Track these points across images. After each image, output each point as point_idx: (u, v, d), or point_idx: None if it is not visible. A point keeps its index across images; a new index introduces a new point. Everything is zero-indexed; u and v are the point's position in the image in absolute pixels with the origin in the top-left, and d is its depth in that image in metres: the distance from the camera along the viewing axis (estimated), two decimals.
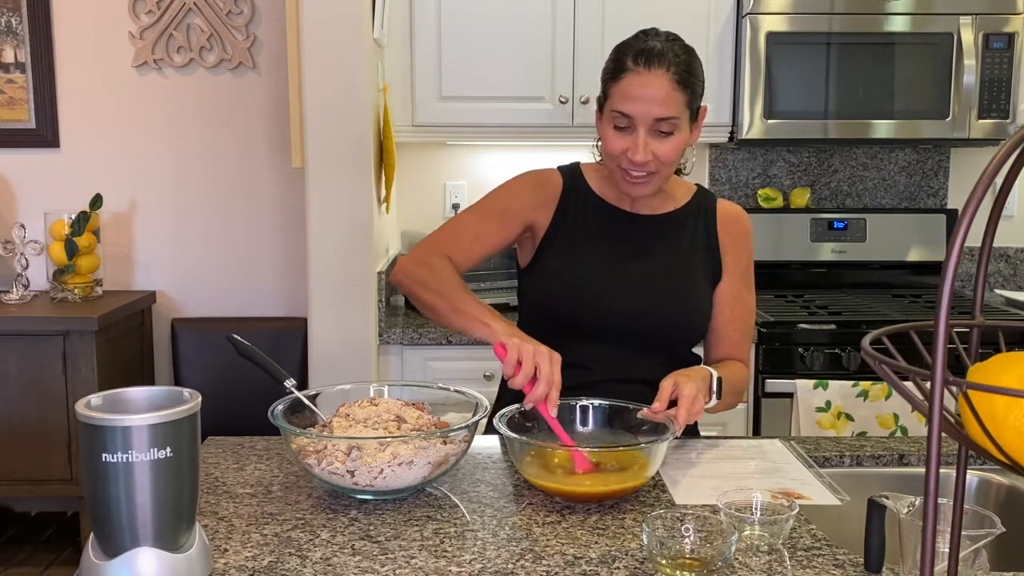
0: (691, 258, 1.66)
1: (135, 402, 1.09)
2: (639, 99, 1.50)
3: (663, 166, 1.55)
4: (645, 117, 1.51)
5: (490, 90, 2.84)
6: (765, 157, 3.25)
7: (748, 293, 1.71)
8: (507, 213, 1.66)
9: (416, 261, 1.62)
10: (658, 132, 1.52)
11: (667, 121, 1.51)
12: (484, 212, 1.68)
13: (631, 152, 1.52)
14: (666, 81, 1.50)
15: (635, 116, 1.51)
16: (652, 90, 1.50)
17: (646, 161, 1.52)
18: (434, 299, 1.55)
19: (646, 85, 1.50)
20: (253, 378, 1.53)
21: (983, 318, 0.75)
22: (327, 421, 1.40)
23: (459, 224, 1.69)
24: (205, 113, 3.18)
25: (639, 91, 1.50)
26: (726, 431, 2.59)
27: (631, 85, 1.51)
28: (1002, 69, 2.80)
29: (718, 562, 1.08)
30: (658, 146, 1.52)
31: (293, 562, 1.13)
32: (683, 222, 1.68)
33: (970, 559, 1.01)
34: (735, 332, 1.70)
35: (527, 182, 1.70)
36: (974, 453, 0.70)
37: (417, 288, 1.59)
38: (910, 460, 1.56)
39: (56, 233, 3.02)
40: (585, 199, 1.68)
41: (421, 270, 1.59)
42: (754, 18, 2.78)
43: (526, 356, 1.36)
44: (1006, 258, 3.31)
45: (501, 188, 1.71)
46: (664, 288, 1.63)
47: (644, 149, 1.52)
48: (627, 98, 1.51)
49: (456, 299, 1.52)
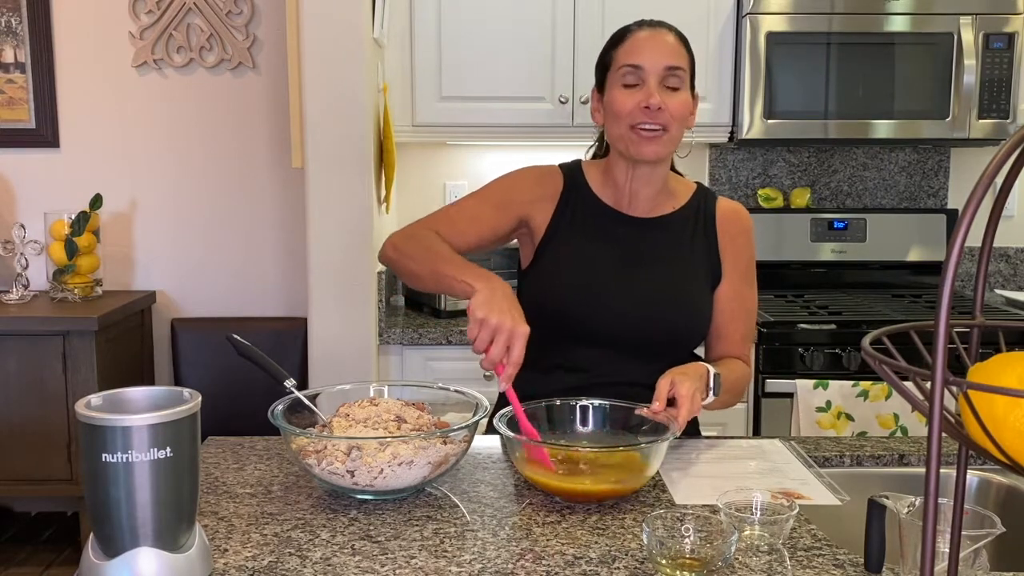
0: (690, 259, 1.66)
1: (135, 402, 1.09)
2: (649, 49, 1.55)
3: (673, 122, 1.56)
4: (656, 66, 1.54)
5: (490, 90, 2.84)
6: (765, 157, 3.25)
7: (749, 291, 1.71)
8: (506, 203, 1.66)
9: (403, 236, 1.61)
10: (667, 87, 1.55)
11: (676, 72, 1.55)
12: (483, 197, 1.68)
13: (644, 100, 1.53)
14: (672, 36, 1.58)
15: (646, 66, 1.54)
16: (661, 42, 1.56)
17: (660, 108, 1.53)
18: (416, 265, 1.55)
19: (655, 37, 1.57)
20: (253, 378, 1.53)
21: (983, 318, 0.75)
22: (327, 421, 1.40)
23: (455, 207, 1.69)
24: (205, 113, 3.18)
25: (649, 43, 1.56)
26: (726, 431, 2.59)
27: (640, 39, 1.57)
28: (1002, 69, 2.80)
29: (718, 562, 1.08)
30: (668, 99, 1.55)
31: (293, 562, 1.13)
32: (682, 223, 1.67)
33: (970, 559, 1.01)
34: (736, 331, 1.69)
35: (529, 175, 1.70)
36: (974, 453, 0.70)
37: (402, 260, 1.58)
38: (910, 460, 1.56)
39: (56, 233, 3.02)
40: (584, 199, 1.67)
41: (407, 243, 1.59)
42: (754, 18, 2.78)
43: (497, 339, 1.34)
44: (1006, 258, 3.31)
45: (503, 177, 1.71)
46: (662, 291, 1.62)
47: (657, 96, 1.53)
48: (637, 51, 1.56)
49: (437, 262, 1.50)
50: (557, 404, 1.47)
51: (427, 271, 1.52)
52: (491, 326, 1.34)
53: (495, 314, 1.34)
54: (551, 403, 1.47)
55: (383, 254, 1.63)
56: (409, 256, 1.57)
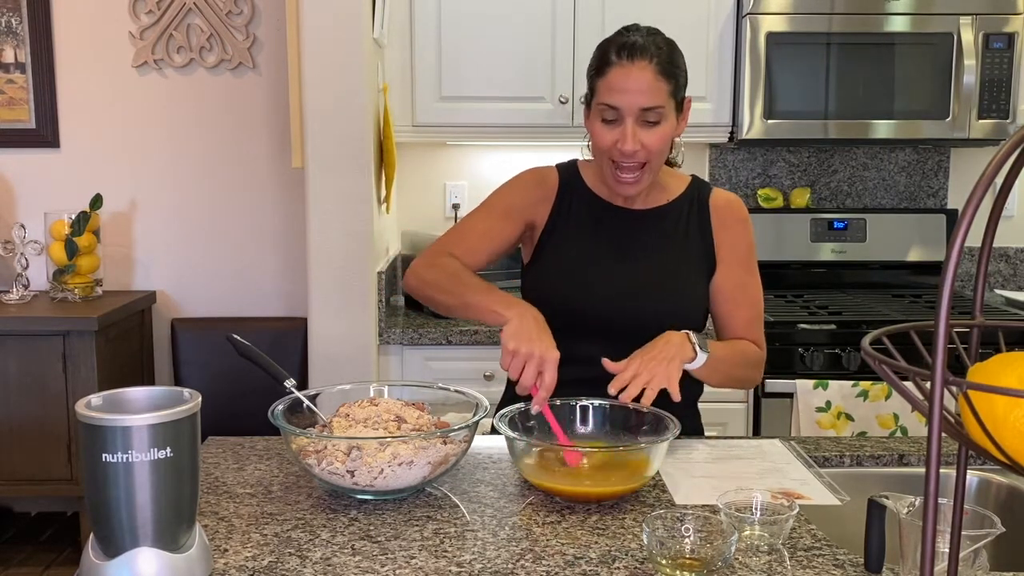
0: (685, 249, 1.69)
1: (135, 402, 1.09)
2: (624, 90, 1.55)
3: (652, 155, 1.58)
4: (631, 107, 1.55)
5: (490, 90, 2.84)
6: (765, 157, 3.25)
7: (752, 279, 1.72)
8: (511, 210, 1.71)
9: (425, 264, 1.66)
10: (645, 122, 1.56)
11: (653, 111, 1.55)
12: (489, 211, 1.73)
13: (620, 143, 1.56)
14: (649, 72, 1.55)
15: (621, 107, 1.55)
16: (636, 81, 1.54)
17: (635, 150, 1.56)
18: (445, 297, 1.60)
19: (630, 77, 1.55)
20: (253, 378, 1.53)
21: (983, 318, 0.75)
22: (327, 421, 1.40)
23: (465, 225, 1.74)
24: (205, 113, 3.18)
25: (624, 83, 1.55)
26: (726, 431, 2.59)
27: (616, 78, 1.55)
28: (1002, 69, 2.80)
29: (718, 562, 1.08)
30: (646, 136, 1.56)
31: (293, 562, 1.13)
32: (677, 214, 1.70)
33: (970, 559, 1.01)
34: (740, 317, 1.71)
35: (527, 179, 1.75)
36: (974, 453, 0.70)
37: (428, 290, 1.63)
38: (910, 460, 1.56)
39: (56, 233, 3.02)
40: (581, 195, 1.72)
41: (430, 272, 1.64)
42: (754, 18, 2.78)
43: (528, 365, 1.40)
44: (1006, 258, 3.31)
45: (503, 187, 1.76)
46: (658, 280, 1.66)
47: (633, 139, 1.55)
48: (613, 90, 1.56)
49: (466, 293, 1.56)
50: (557, 404, 1.47)
51: (456, 301, 1.58)
52: (522, 355, 1.40)
53: (525, 344, 1.41)
54: (551, 403, 1.47)
55: (408, 284, 1.68)
56: (435, 286, 1.62)
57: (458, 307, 1.58)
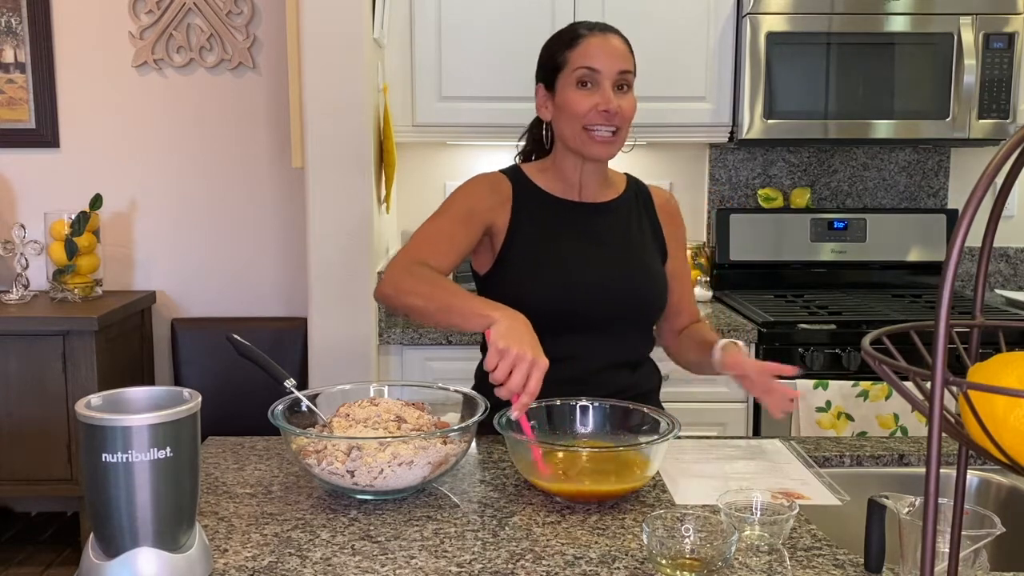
0: (642, 239, 1.77)
1: (135, 402, 1.09)
2: (604, 54, 1.64)
3: (625, 123, 1.65)
4: (611, 69, 1.63)
5: (490, 90, 2.84)
6: (765, 157, 3.25)
7: (687, 266, 1.89)
8: (472, 214, 1.68)
9: (399, 272, 1.59)
10: (619, 89, 1.64)
11: (627, 75, 1.65)
12: (451, 216, 1.69)
13: (601, 103, 1.62)
14: (621, 42, 1.68)
15: (602, 69, 1.63)
16: (612, 48, 1.65)
17: (616, 111, 1.62)
18: (426, 303, 1.53)
19: (607, 43, 1.66)
20: (253, 378, 1.53)
21: (983, 318, 0.75)
22: (327, 421, 1.40)
23: (429, 231, 1.68)
24: (205, 113, 3.18)
25: (602, 48, 1.64)
26: (726, 431, 2.59)
27: (593, 44, 1.65)
28: (1002, 69, 2.80)
29: (718, 562, 1.08)
30: (621, 101, 1.64)
31: (293, 562, 1.13)
32: (627, 207, 1.78)
33: (970, 559, 1.01)
34: (691, 301, 1.87)
35: (482, 183, 1.74)
36: (974, 453, 0.70)
37: (407, 298, 1.56)
38: (910, 460, 1.56)
39: (56, 233, 3.02)
40: (535, 196, 1.73)
41: (406, 280, 1.57)
42: (754, 18, 2.78)
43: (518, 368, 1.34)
44: (1006, 258, 3.31)
45: (458, 193, 1.73)
46: (629, 267, 1.72)
47: (613, 100, 1.62)
48: (591, 55, 1.64)
49: (448, 298, 1.50)
50: (557, 404, 1.47)
51: (435, 307, 1.51)
52: (512, 356, 1.34)
53: (516, 345, 1.35)
54: (551, 403, 1.47)
55: (382, 293, 1.60)
56: (414, 293, 1.55)
57: (440, 312, 1.51)
